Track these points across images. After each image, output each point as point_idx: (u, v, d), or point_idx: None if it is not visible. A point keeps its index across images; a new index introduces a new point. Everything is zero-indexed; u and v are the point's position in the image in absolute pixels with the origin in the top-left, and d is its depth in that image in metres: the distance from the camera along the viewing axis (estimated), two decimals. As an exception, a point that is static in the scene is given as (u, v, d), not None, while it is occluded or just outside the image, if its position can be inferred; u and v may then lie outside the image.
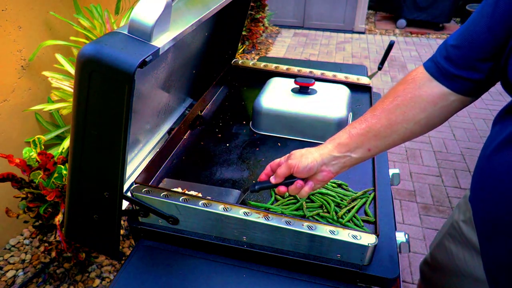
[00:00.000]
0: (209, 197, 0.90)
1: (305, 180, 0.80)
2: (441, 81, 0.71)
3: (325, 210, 0.96)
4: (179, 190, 0.98)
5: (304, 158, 0.77)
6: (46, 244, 1.58)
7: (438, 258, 0.98)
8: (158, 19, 0.66)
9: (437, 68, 0.72)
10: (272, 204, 0.99)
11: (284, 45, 5.17)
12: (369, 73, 1.60)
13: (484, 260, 0.77)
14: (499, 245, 0.69)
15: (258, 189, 0.86)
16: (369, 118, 0.75)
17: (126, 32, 0.66)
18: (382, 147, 0.76)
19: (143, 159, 1.12)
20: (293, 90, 1.32)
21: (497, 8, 0.62)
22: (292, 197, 1.01)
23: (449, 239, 0.94)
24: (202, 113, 1.42)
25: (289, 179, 0.80)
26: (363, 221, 0.94)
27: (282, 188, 0.81)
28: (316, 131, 1.24)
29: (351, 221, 0.93)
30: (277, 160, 0.83)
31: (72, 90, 1.66)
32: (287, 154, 0.82)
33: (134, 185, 0.94)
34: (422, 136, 2.83)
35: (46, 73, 1.67)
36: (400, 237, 0.89)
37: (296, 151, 0.80)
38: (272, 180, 0.81)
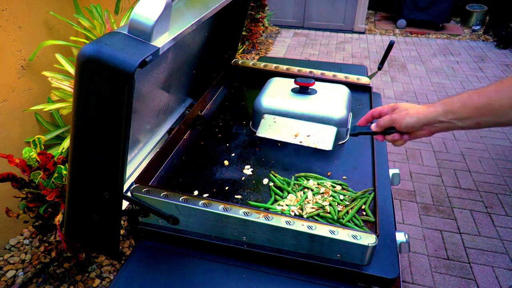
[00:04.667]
0: (209, 197, 0.90)
1: (402, 132, 0.84)
2: None
3: (325, 210, 0.96)
4: None
5: (408, 116, 0.79)
6: (46, 244, 1.58)
7: None
8: (158, 19, 0.66)
9: None
10: (272, 204, 0.99)
11: (284, 45, 5.17)
12: (369, 73, 1.60)
13: None
14: None
15: (357, 133, 0.91)
16: (492, 93, 0.71)
17: (126, 32, 0.66)
18: (493, 123, 0.73)
19: (143, 159, 1.12)
20: (293, 90, 1.32)
21: None
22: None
23: None
24: (202, 113, 1.42)
25: (389, 129, 0.85)
26: (363, 221, 0.94)
27: (380, 137, 0.86)
28: (316, 131, 1.24)
29: (351, 221, 0.93)
30: (379, 108, 0.87)
31: (72, 90, 1.66)
32: (392, 104, 0.85)
33: (134, 185, 0.94)
34: (422, 136, 2.71)
35: (46, 73, 1.67)
36: (400, 237, 0.89)
37: (402, 104, 0.83)
38: (373, 127, 0.86)
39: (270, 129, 1.12)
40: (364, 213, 0.97)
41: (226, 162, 1.16)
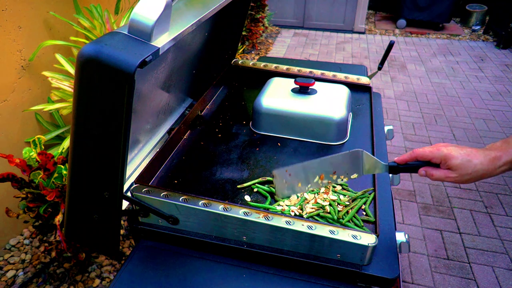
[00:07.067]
0: (209, 197, 0.90)
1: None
2: None
3: (325, 210, 0.96)
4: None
5: (467, 176, 0.74)
6: (46, 244, 1.58)
7: None
8: (158, 19, 0.66)
9: None
10: (270, 204, 0.99)
11: (284, 45, 5.17)
12: (369, 73, 1.60)
13: None
14: None
15: (400, 171, 0.83)
16: None
17: (126, 32, 0.66)
18: None
19: (143, 159, 1.12)
20: (293, 90, 1.32)
21: None
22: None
23: None
24: (202, 113, 1.42)
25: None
26: (363, 221, 0.94)
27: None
28: (316, 131, 1.24)
29: (351, 221, 0.93)
30: (427, 151, 0.78)
31: (72, 90, 1.66)
32: (443, 152, 0.76)
33: (134, 185, 0.94)
34: (421, 136, 2.83)
35: (46, 73, 1.67)
36: (400, 237, 0.89)
37: (459, 157, 0.74)
38: (422, 174, 0.80)
39: (288, 185, 0.91)
40: (364, 213, 0.97)
41: (226, 162, 1.16)
